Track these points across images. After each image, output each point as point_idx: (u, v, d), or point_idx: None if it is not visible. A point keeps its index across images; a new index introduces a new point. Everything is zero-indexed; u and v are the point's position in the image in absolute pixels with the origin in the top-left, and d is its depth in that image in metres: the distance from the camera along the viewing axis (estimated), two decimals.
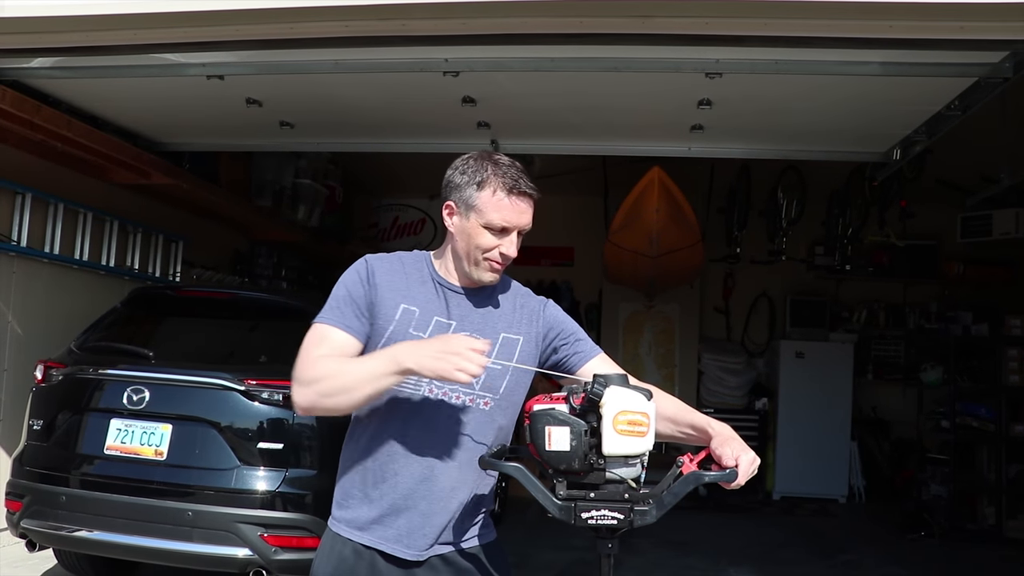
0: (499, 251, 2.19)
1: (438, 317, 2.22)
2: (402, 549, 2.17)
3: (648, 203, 7.59)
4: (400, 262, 2.29)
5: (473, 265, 2.21)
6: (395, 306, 2.19)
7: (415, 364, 1.96)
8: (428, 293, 2.24)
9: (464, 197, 2.19)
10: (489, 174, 2.17)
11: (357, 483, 2.23)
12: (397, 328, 2.17)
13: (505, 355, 2.24)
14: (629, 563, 6.52)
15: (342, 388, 2.06)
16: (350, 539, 2.20)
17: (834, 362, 10.48)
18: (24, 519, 4.66)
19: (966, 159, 7.77)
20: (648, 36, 4.26)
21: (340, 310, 2.19)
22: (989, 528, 8.46)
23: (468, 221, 2.19)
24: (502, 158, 2.22)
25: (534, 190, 2.19)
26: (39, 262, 6.52)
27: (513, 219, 2.17)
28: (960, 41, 4.10)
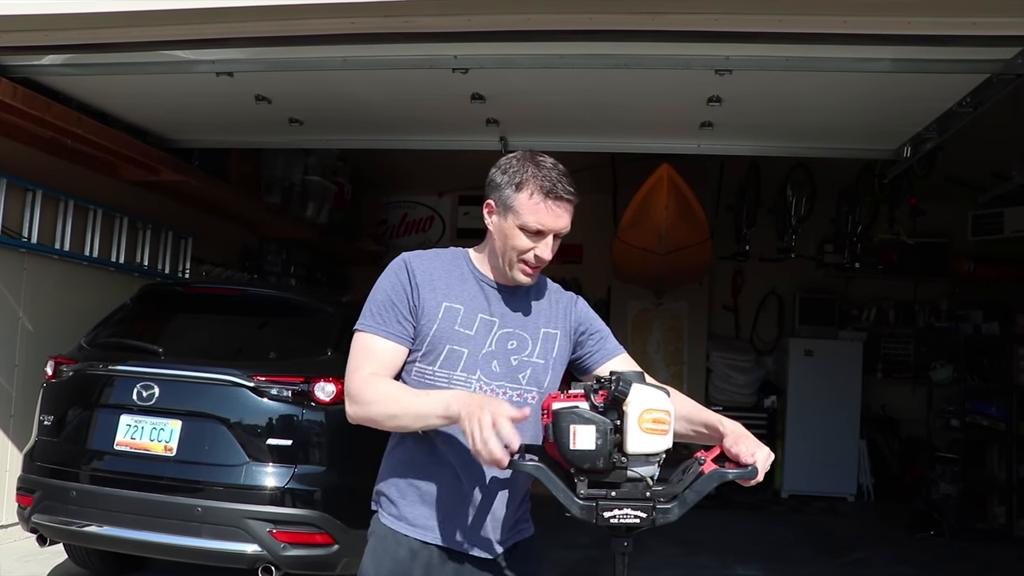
0: (534, 253, 2.18)
1: (482, 314, 2.23)
2: (460, 545, 2.20)
3: (657, 200, 7.57)
4: (439, 259, 2.28)
5: (508, 266, 2.22)
6: (437, 305, 2.20)
7: (458, 416, 1.94)
8: (470, 290, 2.25)
9: (503, 197, 2.18)
10: (528, 176, 2.15)
11: (411, 480, 2.23)
12: (441, 326, 2.19)
13: (545, 349, 2.28)
14: (637, 561, 6.49)
15: (391, 416, 2.11)
16: (406, 536, 2.20)
17: (843, 360, 10.45)
18: (35, 514, 4.68)
19: (977, 156, 7.73)
20: (657, 32, 4.25)
21: (383, 316, 2.20)
22: (999, 528, 8.42)
23: (505, 221, 2.18)
24: (545, 160, 2.19)
25: (573, 194, 2.16)
26: (49, 259, 6.55)
27: (549, 222, 2.15)
28: (972, 37, 4.08)
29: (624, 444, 1.88)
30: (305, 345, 5.00)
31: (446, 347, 2.18)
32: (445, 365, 2.18)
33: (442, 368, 2.18)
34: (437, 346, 2.18)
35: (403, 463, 2.25)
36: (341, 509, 4.53)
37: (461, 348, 2.19)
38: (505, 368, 2.22)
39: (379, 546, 2.23)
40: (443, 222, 12.17)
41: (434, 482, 2.20)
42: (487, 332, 2.22)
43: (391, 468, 2.29)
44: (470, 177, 10.67)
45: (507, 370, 2.22)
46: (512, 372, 2.23)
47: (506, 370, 2.22)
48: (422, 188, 11.95)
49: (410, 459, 2.24)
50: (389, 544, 2.21)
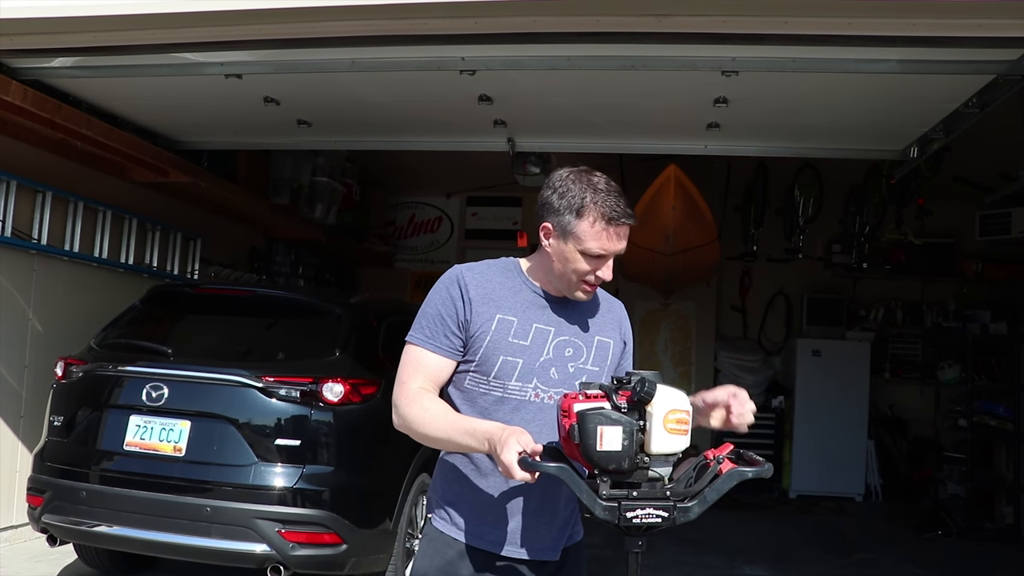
0: (596, 275, 2.21)
1: (537, 324, 2.26)
2: (513, 550, 2.24)
3: (665, 201, 7.59)
4: (491, 271, 2.31)
5: (567, 286, 2.25)
6: (491, 318, 2.22)
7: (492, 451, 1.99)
8: (524, 302, 2.28)
9: (562, 223, 2.18)
10: (588, 202, 2.15)
11: (460, 486, 2.28)
12: (495, 338, 2.21)
13: (600, 356, 2.32)
14: (644, 561, 6.50)
15: (428, 437, 2.17)
16: (457, 539, 2.24)
17: (851, 360, 10.43)
18: (45, 514, 4.71)
19: (984, 157, 7.72)
20: (665, 34, 4.26)
21: (432, 330, 2.24)
22: (1007, 528, 8.41)
23: (566, 245, 2.19)
24: (599, 181, 2.20)
25: (633, 217, 2.18)
26: (59, 260, 6.58)
27: (611, 247, 2.18)
28: (978, 39, 4.08)
29: (648, 444, 1.90)
30: (313, 346, 5.02)
31: (500, 359, 2.21)
32: (500, 376, 2.21)
33: (496, 379, 2.22)
34: (491, 357, 2.21)
35: (453, 470, 2.30)
36: (349, 509, 4.56)
37: (516, 359, 2.22)
38: (563, 375, 2.26)
39: (430, 547, 2.28)
40: (451, 223, 12.18)
41: (481, 488, 2.25)
42: (544, 341, 2.25)
43: (443, 474, 2.34)
44: (478, 178, 10.74)
45: (565, 377, 2.25)
46: (570, 379, 2.25)
47: (564, 377, 2.25)
48: (430, 189, 11.96)
49: (459, 466, 2.28)
50: (439, 545, 2.26)
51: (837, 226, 10.09)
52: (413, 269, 12.08)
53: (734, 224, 10.18)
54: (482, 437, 2.02)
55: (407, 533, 4.97)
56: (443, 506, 2.29)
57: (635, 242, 8.44)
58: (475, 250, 11.58)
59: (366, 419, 4.67)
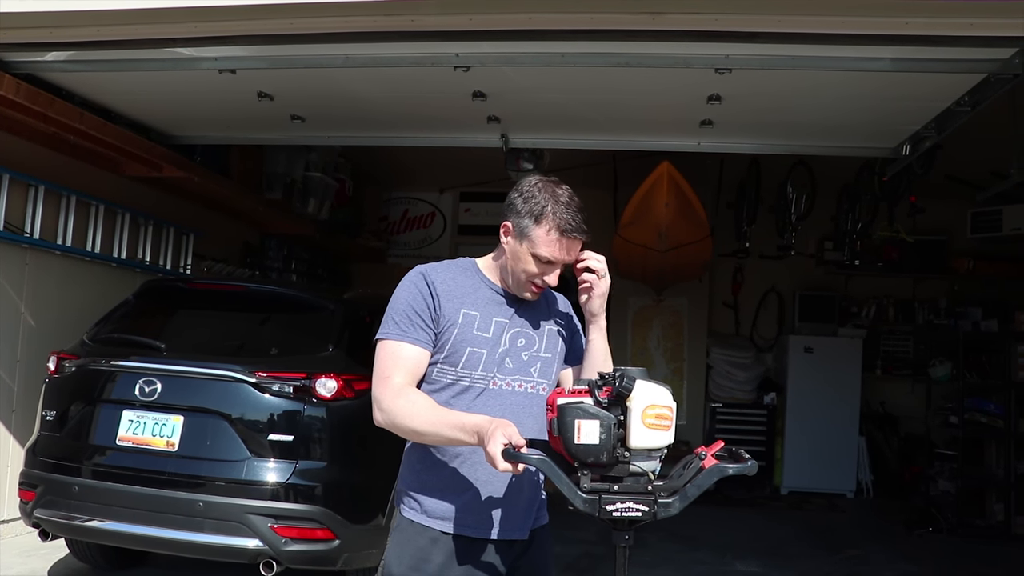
0: (542, 279, 2.37)
1: (496, 317, 2.41)
2: (479, 532, 2.33)
3: (657, 198, 7.60)
4: (452, 270, 2.45)
5: (516, 284, 2.41)
6: (456, 311, 2.36)
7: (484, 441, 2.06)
8: (484, 298, 2.42)
9: (521, 225, 2.34)
10: (548, 211, 2.30)
11: (429, 475, 2.37)
12: (461, 331, 2.35)
13: (551, 344, 2.49)
14: (636, 557, 6.52)
15: (415, 431, 2.26)
16: (428, 527, 2.33)
17: (843, 357, 10.48)
18: (37, 509, 4.71)
19: (976, 155, 7.75)
20: (658, 32, 4.27)
21: (406, 324, 2.34)
22: (997, 524, 8.45)
23: (520, 246, 2.35)
24: (563, 193, 2.34)
25: (586, 233, 2.33)
26: (51, 254, 6.57)
27: (560, 256, 2.33)
28: (970, 37, 4.10)
29: (627, 439, 1.93)
30: (307, 341, 5.03)
31: (467, 350, 2.34)
32: (467, 366, 2.35)
33: (464, 369, 2.35)
34: (459, 349, 2.34)
35: (420, 459, 2.40)
36: (342, 504, 4.56)
37: (480, 350, 2.35)
38: (518, 364, 2.41)
39: (401, 537, 2.36)
40: (444, 218, 12.19)
41: (450, 475, 2.34)
42: (501, 332, 2.40)
43: (410, 465, 2.44)
44: (471, 174, 10.74)
45: (519, 365, 2.41)
46: (524, 367, 2.41)
47: (518, 365, 2.41)
48: (423, 184, 11.96)
49: (426, 455, 2.38)
50: (410, 535, 2.34)
51: (829, 223, 10.12)
52: (406, 265, 11.69)
53: (727, 221, 10.21)
54: (471, 430, 2.11)
55: None
56: (411, 495, 2.39)
57: (628, 238, 8.53)
58: (468, 246, 11.57)
59: (359, 415, 4.66)
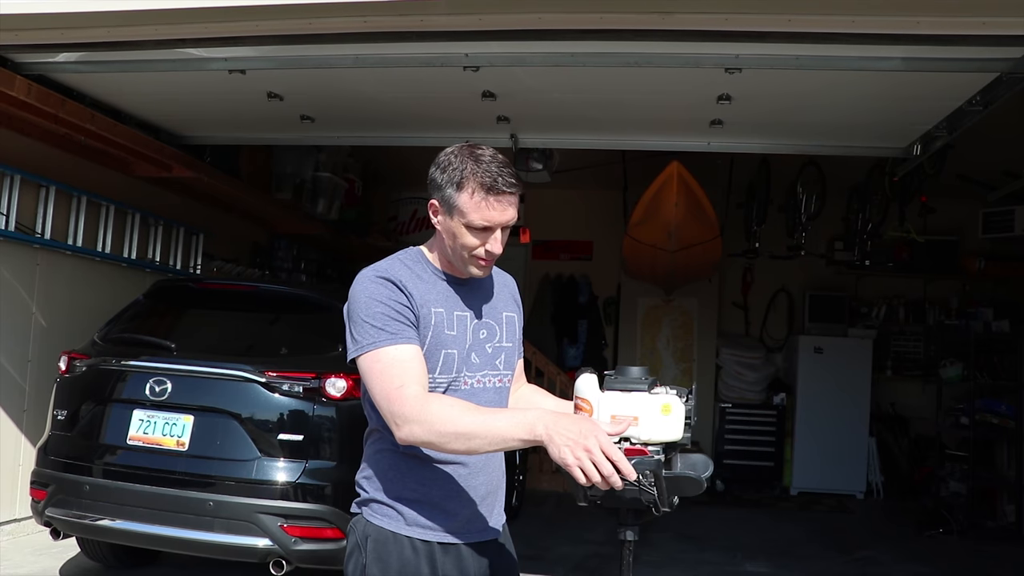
0: (484, 249, 2.15)
1: (457, 312, 2.22)
2: (458, 535, 2.21)
3: (667, 198, 7.59)
4: (407, 267, 2.22)
5: (461, 262, 2.19)
6: (429, 312, 2.16)
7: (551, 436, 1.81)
8: (441, 290, 2.22)
9: (445, 197, 2.12)
10: (468, 173, 2.09)
11: (406, 479, 2.19)
12: (435, 333, 2.15)
13: (510, 332, 2.34)
14: (645, 558, 6.53)
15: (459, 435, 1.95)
16: (410, 536, 2.17)
17: (853, 358, 10.44)
18: (48, 508, 4.74)
19: (988, 154, 7.72)
20: (668, 32, 4.26)
21: (396, 326, 2.09)
22: (1008, 526, 8.42)
23: (452, 220, 2.14)
24: (484, 152, 2.13)
25: (515, 186, 2.11)
26: (62, 254, 6.60)
27: (495, 217, 2.11)
28: (981, 36, 4.08)
29: None
30: (316, 341, 5.04)
31: (442, 353, 2.16)
32: (444, 370, 2.17)
33: (441, 373, 2.16)
34: (434, 352, 2.15)
35: (392, 466, 2.21)
36: (352, 504, 4.56)
37: (452, 350, 2.18)
38: (483, 358, 2.25)
39: (382, 549, 2.17)
40: None
41: (429, 481, 2.19)
42: (464, 328, 2.23)
43: (381, 471, 2.23)
44: None
45: (485, 359, 2.25)
46: (490, 360, 2.26)
47: (484, 359, 2.25)
48: None
49: (398, 461, 2.20)
50: (391, 545, 2.17)
51: (840, 223, 10.10)
52: None
53: (737, 221, 10.18)
54: (533, 425, 1.85)
55: None
56: (387, 504, 2.19)
57: (638, 238, 8.53)
58: None
59: None
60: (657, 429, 1.90)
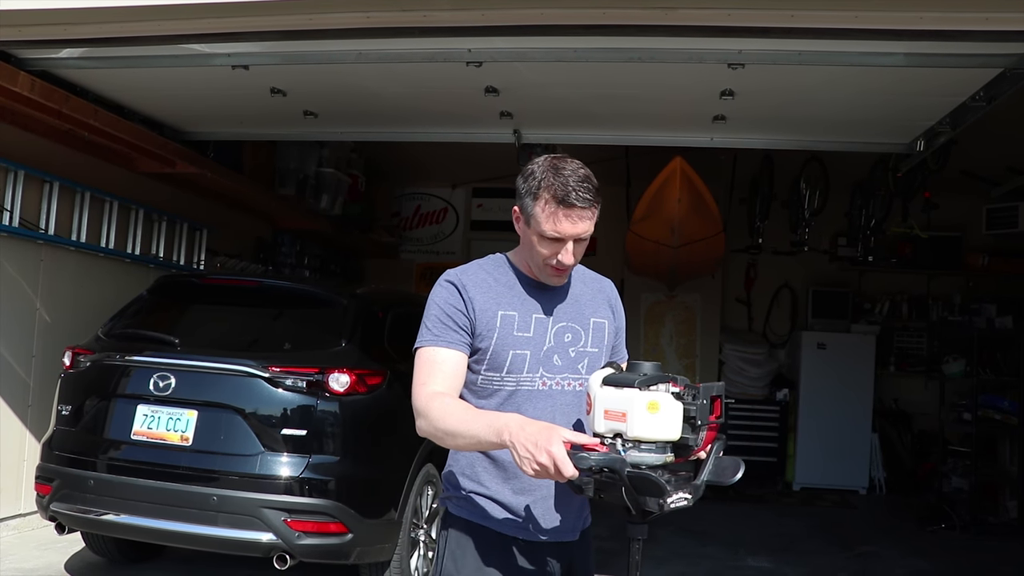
0: (557, 259, 2.21)
1: (536, 315, 2.29)
2: (533, 534, 2.26)
3: (670, 193, 7.59)
4: (483, 270, 2.33)
5: (537, 270, 2.28)
6: (494, 315, 2.25)
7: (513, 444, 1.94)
8: (519, 295, 2.31)
9: (524, 206, 2.22)
10: (544, 184, 2.16)
11: (482, 476, 2.28)
12: (501, 334, 2.24)
13: (597, 337, 2.36)
14: (648, 552, 6.53)
15: (450, 435, 2.12)
16: (486, 527, 2.26)
17: (856, 354, 10.44)
18: (53, 502, 4.75)
19: (991, 150, 7.72)
20: (671, 27, 4.27)
21: (439, 330, 2.24)
22: (1011, 521, 8.41)
23: (528, 229, 2.23)
24: (566, 165, 2.18)
25: (589, 201, 2.16)
26: (66, 250, 6.61)
27: (565, 229, 2.16)
28: (985, 32, 4.08)
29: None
30: (320, 336, 5.05)
31: (510, 353, 2.24)
32: (512, 370, 2.25)
33: (509, 373, 2.25)
34: (501, 354, 2.24)
35: (473, 462, 2.30)
36: (355, 498, 4.58)
37: (523, 351, 2.25)
38: (566, 361, 2.30)
39: (459, 539, 2.28)
40: (456, 214, 12.19)
41: (507, 476, 2.26)
42: (544, 330, 2.29)
43: (461, 467, 2.33)
44: (484, 169, 10.75)
45: (567, 362, 2.30)
46: (572, 363, 2.30)
47: (566, 363, 2.30)
48: (436, 180, 11.97)
49: (479, 456, 2.28)
50: (467, 537, 2.27)
51: (843, 219, 10.08)
52: (418, 260, 12.10)
53: (740, 217, 10.19)
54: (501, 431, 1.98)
55: (412, 523, 5.00)
56: (466, 497, 2.30)
57: (641, 234, 8.53)
58: (480, 241, 11.60)
59: (372, 409, 4.70)
60: (645, 427, 1.89)
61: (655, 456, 1.91)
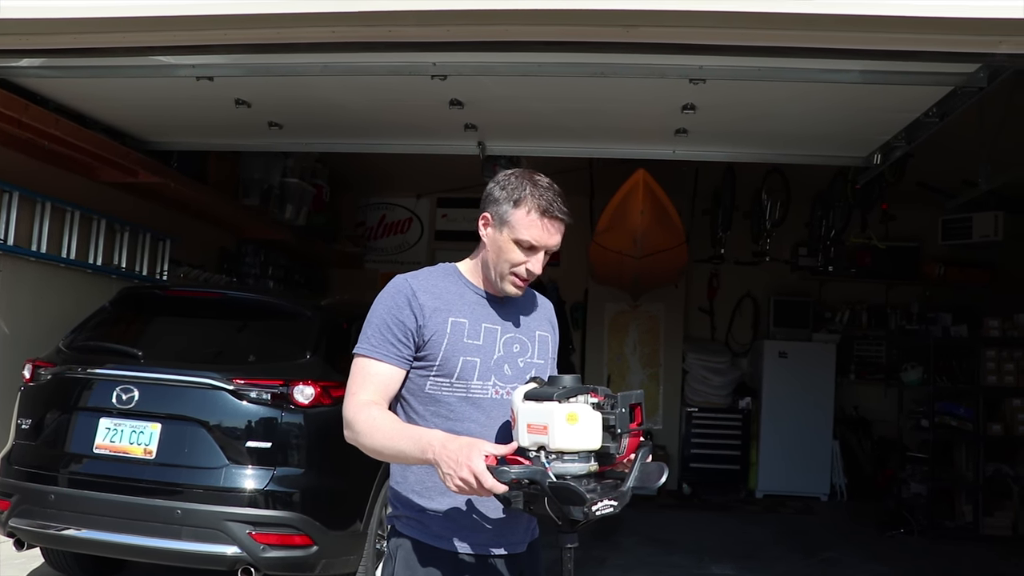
0: (525, 267, 2.29)
1: (485, 324, 2.34)
2: (485, 548, 2.29)
3: (633, 205, 7.65)
4: (434, 277, 2.37)
5: (499, 277, 2.32)
6: (444, 321, 2.28)
7: (437, 461, 2.02)
8: (469, 303, 2.35)
9: (500, 212, 2.29)
10: (527, 193, 2.26)
11: (431, 492, 2.28)
12: (451, 340, 2.28)
13: (542, 350, 2.44)
14: (613, 561, 6.60)
15: (375, 450, 2.20)
16: (437, 547, 2.27)
17: (817, 362, 10.60)
18: (12, 518, 4.67)
19: (946, 163, 7.88)
20: (632, 44, 4.32)
21: (379, 339, 2.27)
22: (966, 525, 8.59)
23: (501, 235, 2.29)
24: (542, 179, 2.31)
25: (567, 215, 2.29)
26: (26, 260, 6.52)
27: (543, 239, 2.27)
28: (936, 53, 4.18)
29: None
30: (284, 348, 5.04)
31: (460, 359, 2.27)
32: (462, 376, 2.28)
33: (460, 379, 2.28)
34: (450, 359, 2.27)
35: (420, 480, 2.30)
36: (320, 511, 4.58)
37: (473, 358, 2.29)
38: (515, 371, 2.34)
39: (409, 559, 2.28)
40: (421, 224, 12.21)
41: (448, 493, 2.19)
42: (494, 339, 2.34)
43: (408, 486, 2.33)
44: (448, 180, 10.77)
45: (516, 372, 2.34)
46: (521, 374, 2.34)
47: (516, 373, 2.34)
48: (400, 190, 11.98)
49: (427, 474, 2.26)
50: (419, 557, 2.28)
51: (804, 230, 10.25)
52: (383, 270, 12.06)
53: (702, 227, 10.30)
54: (425, 449, 2.05)
55: (377, 534, 5.00)
56: (414, 517, 2.30)
57: (604, 245, 8.59)
58: (445, 251, 11.60)
59: (337, 421, 4.59)
60: (566, 438, 1.95)
61: (579, 466, 1.97)
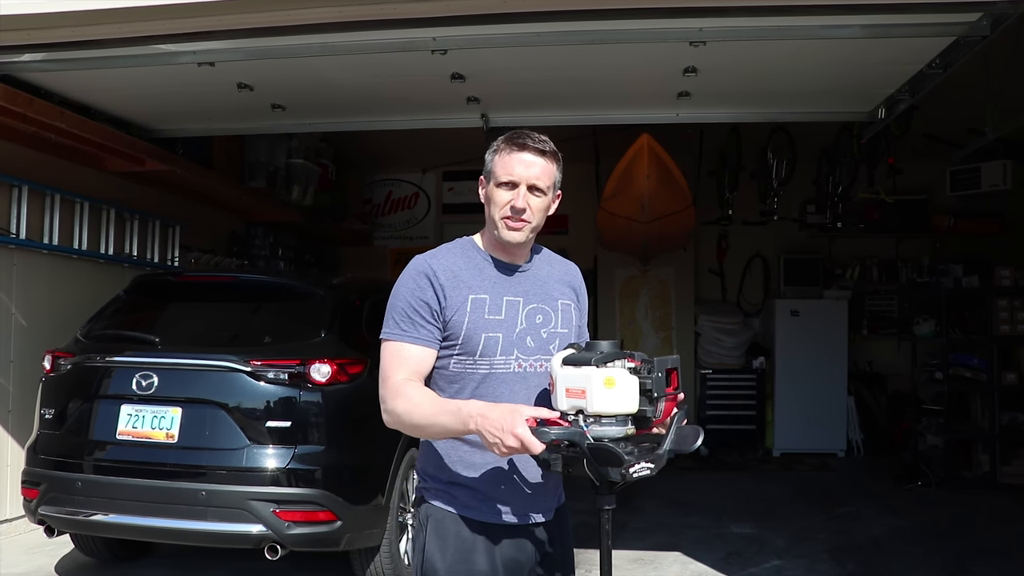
0: (511, 205, 2.26)
1: (507, 297, 2.32)
2: (521, 518, 2.31)
3: (638, 170, 7.65)
4: (452, 254, 2.35)
5: (495, 228, 2.31)
6: (464, 299, 2.27)
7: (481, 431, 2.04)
8: (489, 277, 2.34)
9: (487, 169, 2.32)
10: (502, 141, 2.30)
11: (457, 466, 2.30)
12: (472, 318, 2.26)
13: (566, 318, 2.41)
14: (634, 524, 6.66)
15: (415, 427, 2.23)
16: (467, 517, 2.29)
17: (829, 319, 10.60)
18: (41, 506, 4.77)
19: (952, 114, 7.84)
20: (631, 10, 4.32)
21: (407, 323, 2.27)
22: (984, 475, 8.61)
23: (489, 186, 2.31)
24: (526, 130, 2.32)
25: (542, 143, 2.28)
26: (39, 253, 6.60)
27: (518, 171, 2.25)
28: (937, 3, 4.16)
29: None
30: (299, 328, 5.09)
31: (482, 336, 2.26)
32: (485, 352, 2.27)
33: (483, 356, 2.27)
34: (473, 337, 2.26)
35: (448, 451, 2.32)
36: (342, 486, 4.65)
37: (495, 334, 2.28)
38: (538, 342, 2.33)
39: (440, 529, 2.30)
40: (428, 198, 12.22)
41: (483, 463, 2.28)
42: (516, 312, 2.32)
43: (436, 457, 2.35)
44: (453, 153, 10.76)
45: (540, 344, 2.33)
46: (544, 344, 2.33)
47: (539, 344, 2.32)
48: (406, 166, 11.99)
49: (455, 445, 2.30)
50: (449, 526, 2.29)
51: (811, 187, 10.21)
52: (392, 246, 12.14)
53: (709, 189, 10.27)
54: (467, 422, 2.07)
55: (399, 507, 5.07)
56: (443, 487, 2.32)
57: (611, 211, 8.60)
58: (453, 224, 11.65)
59: (354, 397, 4.74)
60: (603, 402, 1.98)
61: (616, 429, 2.00)
